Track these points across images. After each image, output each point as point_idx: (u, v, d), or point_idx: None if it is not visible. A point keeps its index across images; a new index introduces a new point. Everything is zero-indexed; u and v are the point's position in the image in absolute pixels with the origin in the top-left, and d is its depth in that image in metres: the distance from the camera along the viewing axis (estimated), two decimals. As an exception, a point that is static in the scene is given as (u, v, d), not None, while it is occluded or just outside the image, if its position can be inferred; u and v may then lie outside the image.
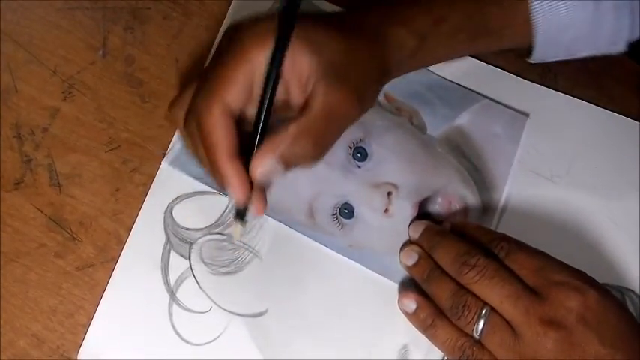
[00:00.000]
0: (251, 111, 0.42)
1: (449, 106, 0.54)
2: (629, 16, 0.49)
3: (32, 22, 0.55)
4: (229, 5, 0.56)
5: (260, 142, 0.41)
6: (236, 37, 0.42)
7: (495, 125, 0.54)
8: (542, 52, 0.50)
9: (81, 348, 0.48)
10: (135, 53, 0.54)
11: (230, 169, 0.41)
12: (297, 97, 0.42)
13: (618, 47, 0.50)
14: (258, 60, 0.41)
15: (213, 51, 0.54)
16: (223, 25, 0.55)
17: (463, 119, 0.54)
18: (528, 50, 0.50)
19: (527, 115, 0.54)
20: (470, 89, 0.55)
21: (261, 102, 0.41)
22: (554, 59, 0.51)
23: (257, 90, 0.41)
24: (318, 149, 0.42)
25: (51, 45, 0.54)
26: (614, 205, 0.53)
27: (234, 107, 0.41)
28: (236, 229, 0.44)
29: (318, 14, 0.46)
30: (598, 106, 0.55)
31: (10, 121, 0.52)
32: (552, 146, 0.54)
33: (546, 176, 0.53)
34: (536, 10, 0.48)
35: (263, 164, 0.40)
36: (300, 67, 0.41)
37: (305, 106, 0.41)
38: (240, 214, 0.44)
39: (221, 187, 0.41)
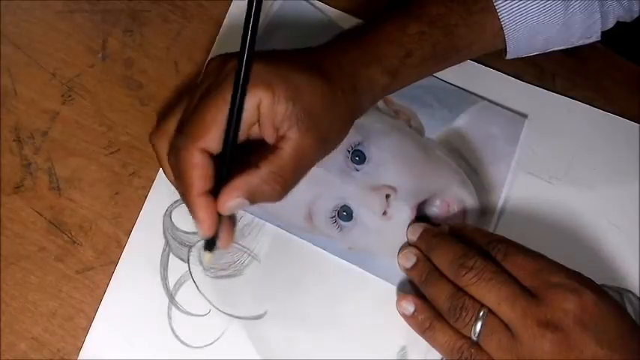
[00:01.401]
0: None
1: (447, 108, 0.54)
2: (600, 11, 0.49)
3: (31, 24, 0.55)
4: (228, 7, 0.56)
5: (228, 173, 0.42)
6: (220, 73, 0.43)
7: (493, 127, 0.54)
8: (516, 53, 0.52)
9: (81, 351, 0.49)
10: (134, 56, 0.54)
11: (199, 205, 0.42)
12: (269, 136, 0.43)
13: (593, 39, 0.51)
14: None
15: (211, 54, 0.54)
16: (223, 27, 0.55)
17: (461, 121, 0.54)
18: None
19: (525, 116, 0.54)
20: (468, 91, 0.55)
21: (225, 141, 0.42)
22: (529, 55, 0.52)
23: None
24: (284, 188, 0.43)
25: (50, 48, 0.54)
26: (612, 206, 0.53)
27: (214, 148, 0.42)
28: (206, 257, 0.46)
29: (297, 50, 0.47)
30: (596, 107, 0.55)
31: (10, 125, 0.52)
32: (550, 148, 0.54)
33: (544, 178, 0.53)
34: (505, 23, 0.49)
35: (231, 198, 0.42)
36: (276, 111, 0.42)
37: (277, 147, 0.43)
38: (209, 245, 0.45)
39: (192, 217, 0.43)
